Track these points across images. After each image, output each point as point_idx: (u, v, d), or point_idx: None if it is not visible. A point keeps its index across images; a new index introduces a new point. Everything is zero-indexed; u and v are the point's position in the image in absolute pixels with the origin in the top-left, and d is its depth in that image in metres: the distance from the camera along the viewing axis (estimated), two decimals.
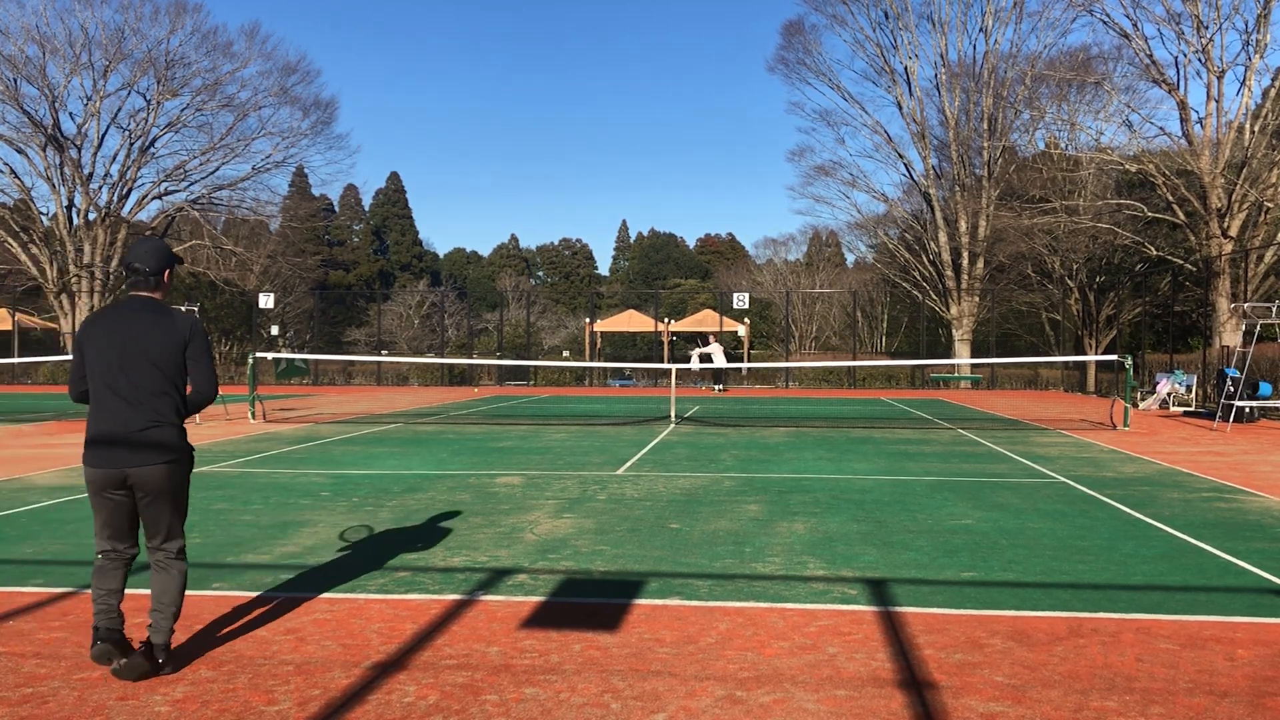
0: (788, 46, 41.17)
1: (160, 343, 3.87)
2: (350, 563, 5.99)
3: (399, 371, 37.13)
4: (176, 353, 3.89)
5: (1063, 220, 32.00)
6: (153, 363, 3.85)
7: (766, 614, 4.87)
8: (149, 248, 4.01)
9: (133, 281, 3.99)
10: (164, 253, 4.03)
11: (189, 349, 3.93)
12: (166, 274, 4.03)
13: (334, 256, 78.78)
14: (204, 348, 3.97)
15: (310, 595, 5.20)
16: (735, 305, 35.67)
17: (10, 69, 36.28)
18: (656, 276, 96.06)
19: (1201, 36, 27.16)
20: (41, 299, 42.34)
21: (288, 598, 5.14)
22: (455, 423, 17.20)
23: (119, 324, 3.89)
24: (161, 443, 3.85)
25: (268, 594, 5.23)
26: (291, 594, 5.21)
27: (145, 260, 3.96)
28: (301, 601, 5.07)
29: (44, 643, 4.36)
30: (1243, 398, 17.22)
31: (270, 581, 5.49)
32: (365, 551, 6.32)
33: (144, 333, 3.87)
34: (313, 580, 5.53)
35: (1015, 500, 8.52)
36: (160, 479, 3.86)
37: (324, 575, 5.66)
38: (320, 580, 5.54)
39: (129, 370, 3.84)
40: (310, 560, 6.06)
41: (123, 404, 3.83)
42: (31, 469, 10.46)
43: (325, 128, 43.19)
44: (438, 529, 7.09)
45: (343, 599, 5.14)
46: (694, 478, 9.89)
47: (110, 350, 3.86)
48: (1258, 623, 4.76)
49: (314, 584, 5.44)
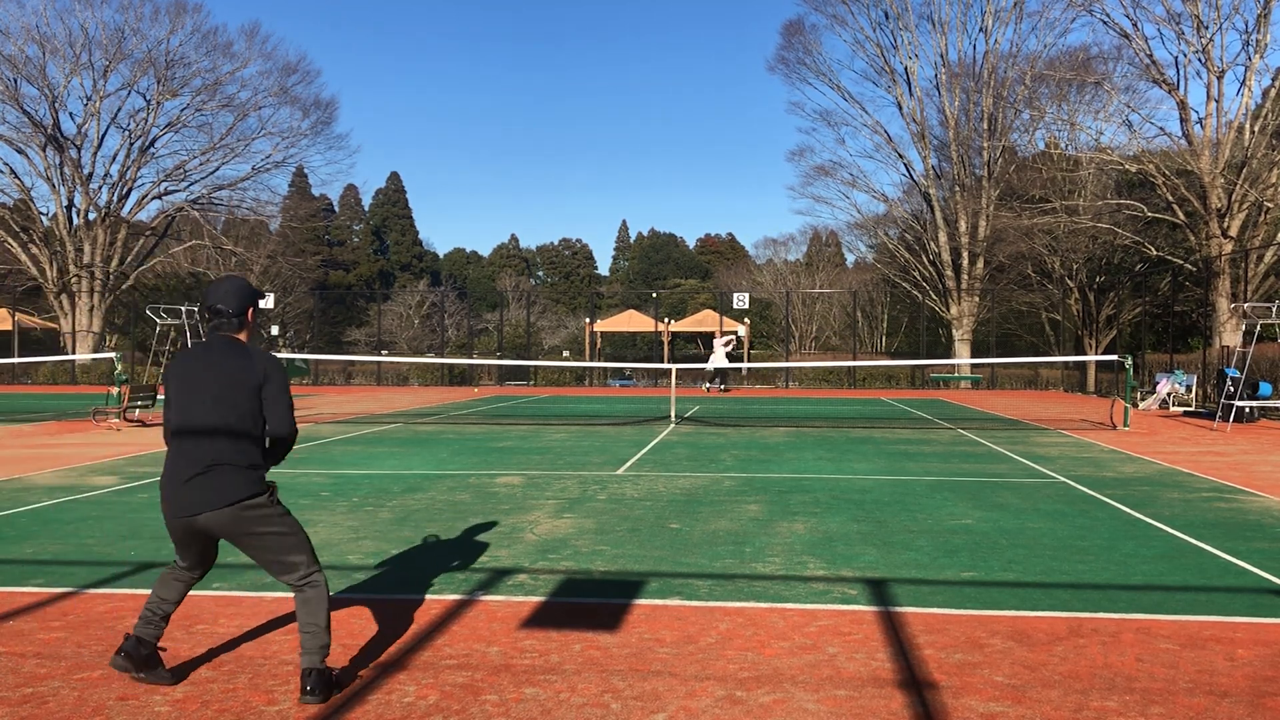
0: (788, 46, 41.24)
1: (234, 383, 3.68)
2: (350, 563, 5.99)
3: (399, 371, 37.13)
4: (251, 393, 3.69)
5: (1063, 220, 32.00)
6: (225, 403, 3.66)
7: (766, 614, 4.87)
8: (230, 287, 3.82)
9: (215, 324, 3.80)
10: (245, 291, 3.84)
11: (265, 389, 3.71)
12: (250, 312, 3.84)
13: (334, 256, 78.79)
14: (281, 386, 3.74)
15: None
16: (735, 305, 35.66)
17: (10, 69, 36.33)
18: (656, 276, 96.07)
19: (1201, 36, 27.17)
20: (41, 299, 42.34)
21: (288, 598, 5.14)
22: (455, 423, 17.20)
23: (196, 364, 3.74)
24: (224, 485, 3.62)
25: (268, 594, 5.23)
26: (290, 594, 5.20)
27: (227, 301, 3.77)
28: None
29: (44, 643, 4.36)
30: (1243, 398, 17.22)
31: (270, 582, 5.49)
32: (365, 551, 6.32)
33: (219, 373, 3.69)
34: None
35: (1015, 500, 8.52)
36: (228, 523, 3.64)
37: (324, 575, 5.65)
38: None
39: (201, 411, 3.67)
40: None
41: (191, 447, 3.66)
42: (31, 469, 10.46)
43: (325, 128, 43.29)
44: (438, 529, 7.09)
45: (343, 599, 5.14)
46: (694, 478, 9.89)
47: (184, 392, 3.72)
48: (1258, 623, 4.76)
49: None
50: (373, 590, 5.32)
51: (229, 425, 3.66)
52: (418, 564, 5.95)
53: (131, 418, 16.73)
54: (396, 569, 5.82)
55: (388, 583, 5.48)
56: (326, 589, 3.79)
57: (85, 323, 38.01)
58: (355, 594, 5.24)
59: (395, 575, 5.66)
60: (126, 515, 7.61)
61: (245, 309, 3.82)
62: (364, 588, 5.37)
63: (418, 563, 5.99)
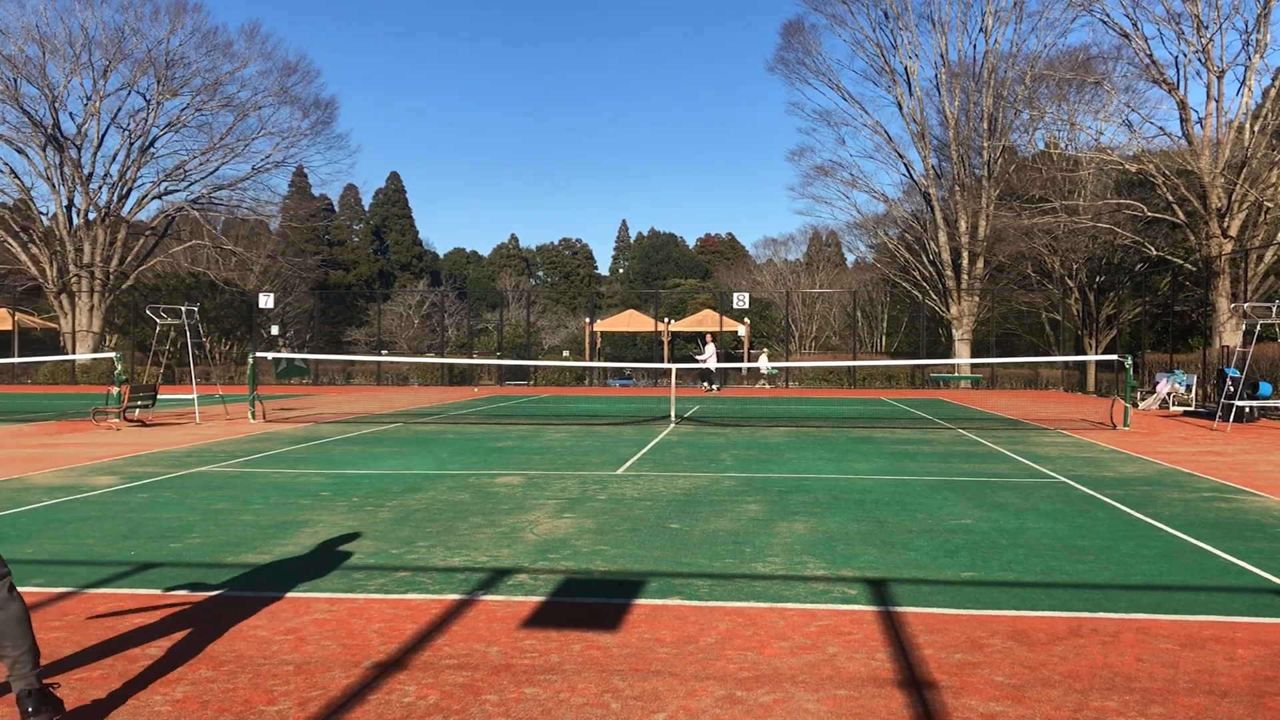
0: (788, 47, 41.20)
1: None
2: (350, 563, 5.99)
3: (399, 371, 37.12)
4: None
5: (1062, 220, 32.00)
6: None
7: (766, 614, 4.87)
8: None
9: None
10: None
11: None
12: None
13: (334, 256, 78.79)
14: None
15: (310, 595, 5.20)
16: (735, 305, 35.66)
17: (10, 69, 36.32)
18: (656, 276, 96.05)
19: (1201, 36, 27.16)
20: (41, 299, 42.37)
21: (288, 598, 5.14)
22: (455, 423, 17.20)
23: None
24: None
25: (267, 594, 5.23)
26: (291, 594, 5.21)
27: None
28: (301, 601, 5.07)
29: (44, 643, 4.36)
30: (1243, 397, 17.22)
31: (270, 581, 5.49)
32: (365, 551, 6.32)
33: None
34: (313, 580, 5.53)
35: (1015, 500, 8.52)
36: None
37: (324, 575, 5.66)
38: (320, 580, 5.54)
39: None
40: (310, 560, 6.06)
41: None
42: (31, 469, 10.45)
43: (325, 128, 43.29)
44: (438, 529, 7.09)
45: (343, 599, 5.14)
46: (694, 478, 9.89)
47: None
48: (1258, 623, 4.76)
49: (314, 584, 5.44)
50: (372, 590, 5.32)
51: None
52: (418, 564, 5.95)
53: (131, 417, 16.72)
54: (396, 569, 5.81)
55: (387, 583, 5.48)
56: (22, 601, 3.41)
57: (85, 323, 38.01)
58: (355, 594, 5.24)
59: (395, 575, 5.65)
60: (126, 515, 7.60)
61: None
62: (364, 588, 5.37)
63: (418, 563, 5.98)
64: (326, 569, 5.82)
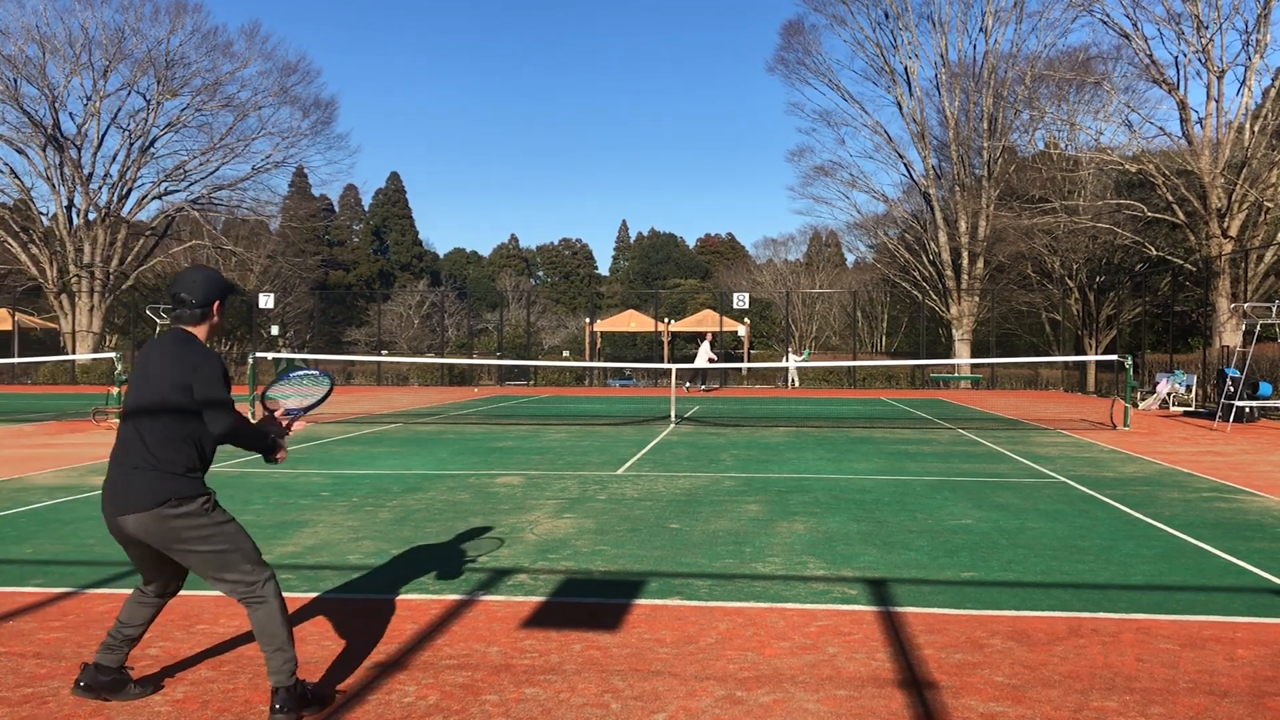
0: (787, 47, 41.21)
1: (164, 378, 3.40)
2: (350, 563, 5.99)
3: (399, 371, 37.12)
4: (181, 390, 3.38)
5: (1062, 220, 32.00)
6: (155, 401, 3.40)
7: (766, 614, 4.87)
8: (197, 277, 3.56)
9: (176, 314, 3.53)
10: (213, 283, 3.56)
11: (195, 387, 3.38)
12: (215, 306, 3.55)
13: (334, 256, 78.78)
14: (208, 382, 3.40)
15: (310, 595, 5.20)
16: (735, 305, 35.66)
17: (10, 69, 36.31)
18: (656, 276, 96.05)
19: (1201, 36, 27.16)
20: (41, 299, 42.34)
21: (288, 598, 5.14)
22: (455, 423, 17.20)
23: (144, 356, 3.52)
24: (143, 488, 3.35)
25: None
26: (291, 594, 5.20)
27: (192, 290, 3.50)
28: (301, 601, 5.07)
29: (44, 643, 4.36)
30: (1243, 398, 17.21)
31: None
32: (365, 551, 6.32)
33: (155, 368, 3.44)
34: (313, 580, 5.54)
35: (1015, 500, 8.52)
36: (155, 529, 3.35)
37: (324, 575, 5.66)
38: (320, 580, 5.54)
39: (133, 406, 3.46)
40: (310, 560, 6.06)
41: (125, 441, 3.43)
42: (31, 469, 10.46)
43: (325, 128, 43.28)
44: (438, 529, 7.09)
45: (343, 599, 5.14)
46: (694, 478, 9.89)
47: (131, 384, 3.50)
48: (1258, 623, 4.76)
49: (314, 584, 5.45)
50: (373, 590, 5.32)
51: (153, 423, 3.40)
52: (418, 564, 5.95)
53: None
54: (396, 569, 5.81)
55: (388, 583, 5.48)
56: (279, 601, 3.47)
57: (85, 323, 38.01)
58: (355, 594, 5.24)
59: (395, 575, 5.66)
60: None
61: (210, 301, 3.53)
62: (364, 588, 5.37)
63: (418, 563, 5.98)
64: (326, 569, 5.82)
